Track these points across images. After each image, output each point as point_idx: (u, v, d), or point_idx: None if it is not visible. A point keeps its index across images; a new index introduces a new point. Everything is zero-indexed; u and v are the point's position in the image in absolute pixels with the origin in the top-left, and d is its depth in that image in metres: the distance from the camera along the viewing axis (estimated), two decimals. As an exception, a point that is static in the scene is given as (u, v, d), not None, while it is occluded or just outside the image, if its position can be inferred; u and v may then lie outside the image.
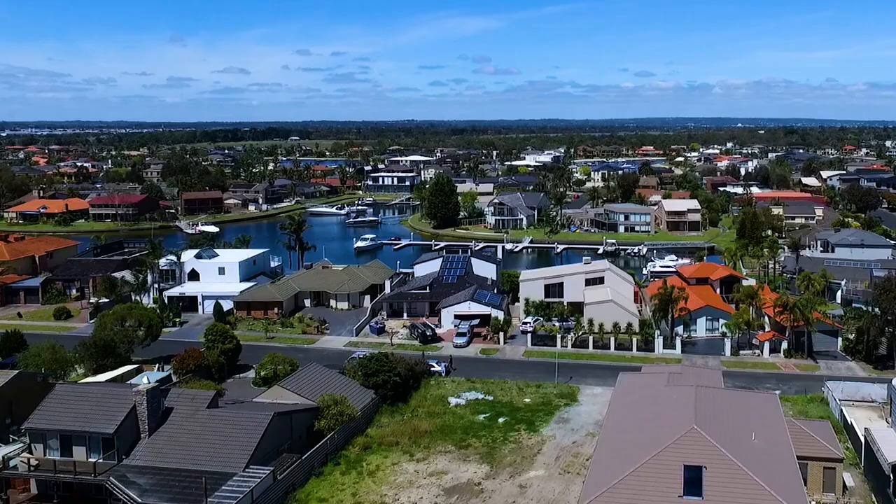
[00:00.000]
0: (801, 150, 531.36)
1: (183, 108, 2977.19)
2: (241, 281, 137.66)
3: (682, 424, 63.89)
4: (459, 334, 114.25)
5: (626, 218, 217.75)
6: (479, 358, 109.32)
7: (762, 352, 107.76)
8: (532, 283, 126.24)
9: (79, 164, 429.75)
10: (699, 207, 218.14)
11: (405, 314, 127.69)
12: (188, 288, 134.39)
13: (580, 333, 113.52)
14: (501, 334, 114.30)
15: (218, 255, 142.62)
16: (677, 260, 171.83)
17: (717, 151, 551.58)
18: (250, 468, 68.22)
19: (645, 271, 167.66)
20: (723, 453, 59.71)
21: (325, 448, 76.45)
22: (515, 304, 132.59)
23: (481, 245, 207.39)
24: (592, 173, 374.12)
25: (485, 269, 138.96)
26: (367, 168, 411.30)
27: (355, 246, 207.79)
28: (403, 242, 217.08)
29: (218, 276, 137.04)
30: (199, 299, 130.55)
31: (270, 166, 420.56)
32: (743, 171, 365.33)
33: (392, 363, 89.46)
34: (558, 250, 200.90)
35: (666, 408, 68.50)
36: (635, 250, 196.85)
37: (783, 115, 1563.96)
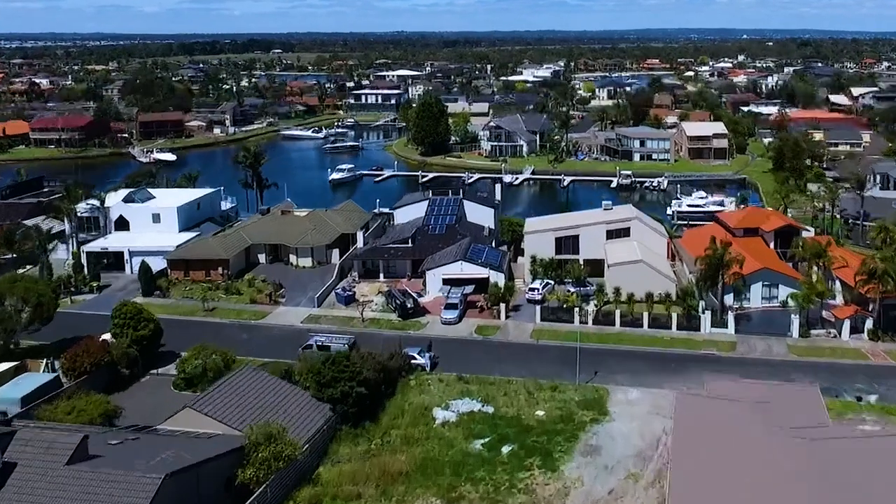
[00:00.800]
0: (818, 64, 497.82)
1: (161, 18, 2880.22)
2: (181, 231, 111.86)
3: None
4: (449, 306, 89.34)
5: (642, 144, 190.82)
6: (474, 340, 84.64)
7: (840, 332, 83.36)
8: (539, 237, 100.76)
9: (34, 80, 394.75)
10: (725, 132, 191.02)
11: (381, 275, 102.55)
12: (113, 241, 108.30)
13: (603, 304, 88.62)
14: (502, 306, 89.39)
15: (153, 198, 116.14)
16: (707, 197, 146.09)
17: (730, 65, 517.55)
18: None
19: (669, 211, 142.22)
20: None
21: (252, 510, 52.45)
22: (518, 258, 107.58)
23: (476, 177, 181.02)
24: (597, 90, 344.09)
25: (480, 215, 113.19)
26: (350, 84, 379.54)
27: (330, 178, 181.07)
28: (386, 173, 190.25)
29: (152, 225, 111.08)
30: (126, 256, 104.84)
31: (244, 82, 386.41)
32: (764, 88, 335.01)
33: (355, 367, 64.55)
34: (564, 183, 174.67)
35: (770, 482, 44.10)
36: (654, 183, 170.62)
37: (790, 25, 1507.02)
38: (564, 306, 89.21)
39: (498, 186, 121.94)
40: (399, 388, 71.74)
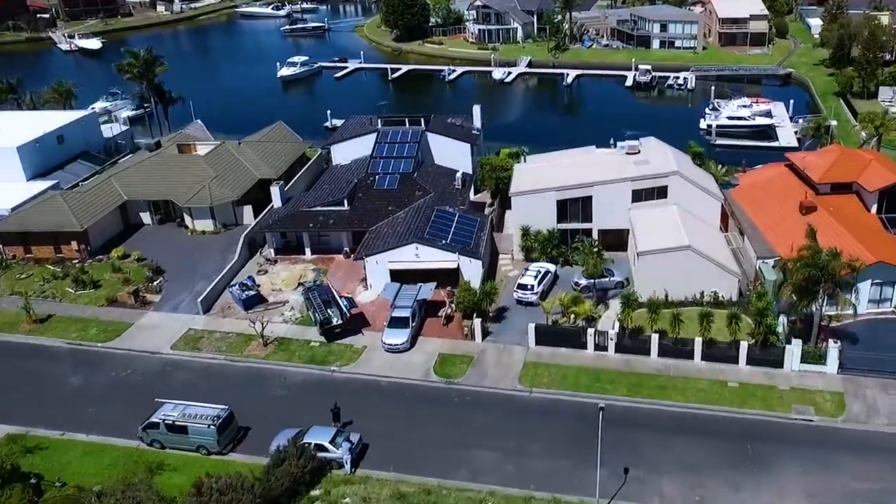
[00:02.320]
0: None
1: None
2: (30, 178, 79.66)
3: None
4: (395, 323, 58.64)
5: (663, 28, 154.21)
6: (431, 388, 54.27)
7: None
8: (534, 199, 68.41)
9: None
10: (765, 12, 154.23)
11: (307, 250, 71.31)
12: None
13: (629, 313, 57.47)
14: (476, 322, 58.55)
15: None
16: (750, 105, 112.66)
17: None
18: None
19: (703, 125, 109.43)
20: None
21: None
22: (505, 217, 76.13)
23: (458, 71, 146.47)
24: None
25: (451, 155, 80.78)
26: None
27: (279, 75, 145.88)
28: (350, 66, 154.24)
29: (-15, 174, 78.64)
30: (-60, 223, 73.16)
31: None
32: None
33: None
34: (568, 80, 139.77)
35: None
36: (679, 80, 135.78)
37: None
38: (574, 319, 58.53)
39: (477, 110, 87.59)
40: (292, 521, 42.11)
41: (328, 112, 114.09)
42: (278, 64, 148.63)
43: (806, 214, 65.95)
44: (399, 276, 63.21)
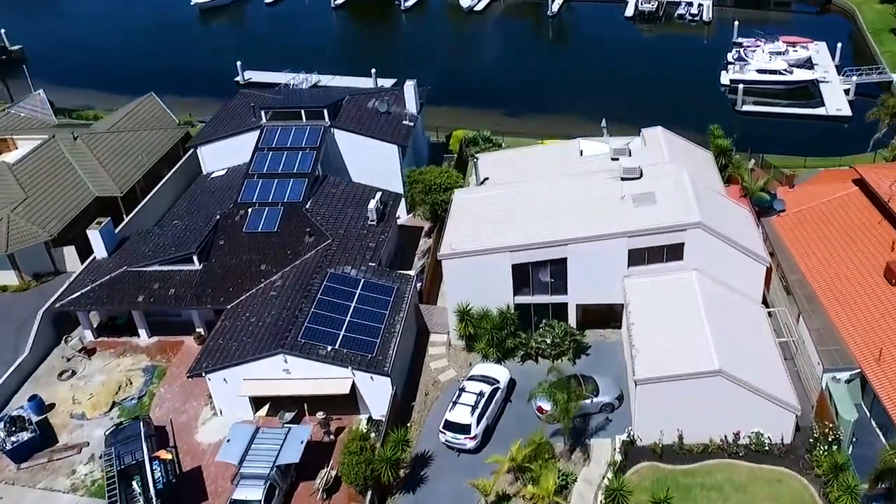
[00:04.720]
0: None
1: None
2: None
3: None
4: (238, 511, 35.81)
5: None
6: None
7: None
8: (476, 264, 43.99)
9: None
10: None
11: (143, 331, 47.51)
12: None
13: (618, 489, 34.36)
14: (371, 510, 35.72)
15: None
16: (785, 50, 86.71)
17: None
18: None
19: (724, 79, 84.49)
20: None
21: None
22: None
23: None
24: None
25: (370, 162, 55.85)
26: None
27: (193, 1, 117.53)
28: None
29: None
30: None
31: None
32: None
33: None
34: (555, 8, 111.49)
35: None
36: (692, 10, 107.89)
37: None
38: (531, 501, 35.82)
39: (410, 87, 60.86)
40: None
41: (238, 64, 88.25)
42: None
43: (896, 285, 42.78)
44: (264, 402, 40.10)
